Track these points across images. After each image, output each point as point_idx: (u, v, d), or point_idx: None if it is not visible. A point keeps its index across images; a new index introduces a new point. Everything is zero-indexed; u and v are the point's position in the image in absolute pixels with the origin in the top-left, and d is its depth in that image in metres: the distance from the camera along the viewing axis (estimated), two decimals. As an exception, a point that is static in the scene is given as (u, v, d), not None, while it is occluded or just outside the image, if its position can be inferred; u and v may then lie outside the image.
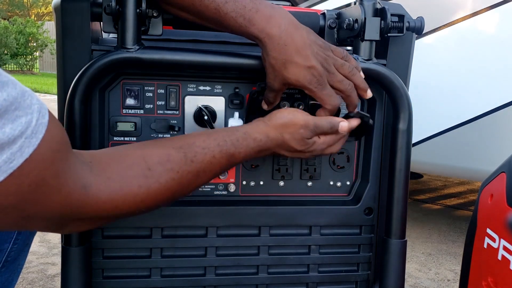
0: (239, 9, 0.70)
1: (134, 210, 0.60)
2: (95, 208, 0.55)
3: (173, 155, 0.64)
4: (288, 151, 0.75)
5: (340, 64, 0.75)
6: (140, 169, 0.60)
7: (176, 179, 0.63)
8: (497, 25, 2.03)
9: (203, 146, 0.67)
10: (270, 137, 0.72)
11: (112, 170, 0.58)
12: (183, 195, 0.67)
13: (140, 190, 0.59)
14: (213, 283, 0.88)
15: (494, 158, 1.98)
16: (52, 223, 0.54)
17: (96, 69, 0.73)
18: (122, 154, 0.61)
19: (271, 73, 0.74)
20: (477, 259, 0.83)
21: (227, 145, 0.69)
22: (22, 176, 0.45)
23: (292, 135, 0.73)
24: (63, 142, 0.52)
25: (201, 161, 0.66)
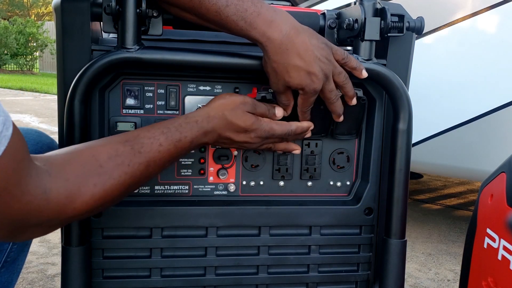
0: (240, 12, 0.70)
1: (92, 209, 0.61)
2: (55, 212, 0.56)
3: (121, 149, 0.65)
4: (234, 131, 0.75)
5: (338, 72, 0.76)
6: (92, 167, 0.61)
7: (129, 172, 0.64)
8: (497, 25, 2.02)
9: (148, 136, 0.68)
10: (211, 116, 0.74)
11: (67, 171, 0.59)
12: (138, 187, 0.69)
13: (95, 189, 0.60)
14: (213, 283, 0.88)
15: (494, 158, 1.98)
16: (9, 231, 0.55)
17: (96, 69, 0.73)
18: (74, 154, 0.62)
19: (274, 77, 0.74)
20: (477, 259, 0.83)
21: (171, 131, 0.70)
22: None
23: (233, 111, 0.75)
24: (24, 151, 0.52)
25: (148, 151, 0.67)
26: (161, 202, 0.86)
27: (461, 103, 2.13)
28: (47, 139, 0.88)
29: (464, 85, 2.13)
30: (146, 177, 0.68)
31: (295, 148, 0.85)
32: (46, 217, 0.56)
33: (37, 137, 0.86)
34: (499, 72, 2.04)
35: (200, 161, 0.87)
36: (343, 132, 0.89)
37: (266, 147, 0.81)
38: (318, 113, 0.85)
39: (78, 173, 0.59)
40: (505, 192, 0.76)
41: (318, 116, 0.86)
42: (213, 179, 0.88)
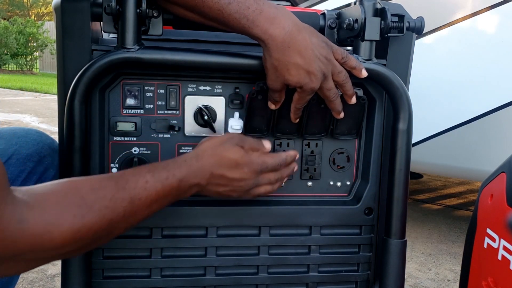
0: (243, 10, 0.70)
1: (71, 242, 0.57)
2: (31, 243, 0.53)
3: (105, 183, 0.62)
4: (226, 167, 0.73)
5: (337, 71, 0.76)
6: (73, 198, 0.58)
7: (110, 206, 0.61)
8: (497, 25, 2.02)
9: (134, 173, 0.66)
10: (200, 155, 0.73)
11: (47, 201, 0.56)
12: (124, 228, 0.65)
13: (75, 220, 0.57)
14: (213, 283, 0.88)
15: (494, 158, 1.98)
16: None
17: (96, 69, 0.73)
18: (56, 185, 0.60)
19: (273, 74, 0.74)
20: (477, 259, 0.83)
21: (157, 169, 0.68)
22: None
23: (222, 146, 0.74)
24: (1, 180, 0.50)
25: (133, 187, 0.64)
26: (161, 202, 0.86)
27: (461, 103, 2.13)
28: (48, 139, 0.88)
29: (464, 85, 2.13)
30: (132, 216, 0.64)
31: (295, 166, 0.84)
32: (21, 249, 0.52)
33: (38, 137, 0.86)
34: (499, 72, 2.04)
35: (200, 161, 0.87)
36: (343, 132, 0.89)
37: (265, 189, 0.79)
38: (318, 113, 0.85)
39: (58, 203, 0.57)
40: (505, 192, 0.76)
41: (318, 115, 0.86)
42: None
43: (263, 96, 0.81)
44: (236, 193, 0.76)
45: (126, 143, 0.83)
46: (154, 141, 0.84)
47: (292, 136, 0.88)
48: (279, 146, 0.89)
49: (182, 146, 0.86)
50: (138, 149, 0.84)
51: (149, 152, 0.84)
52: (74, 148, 0.74)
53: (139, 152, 0.84)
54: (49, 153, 0.85)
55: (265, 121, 0.85)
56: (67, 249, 0.57)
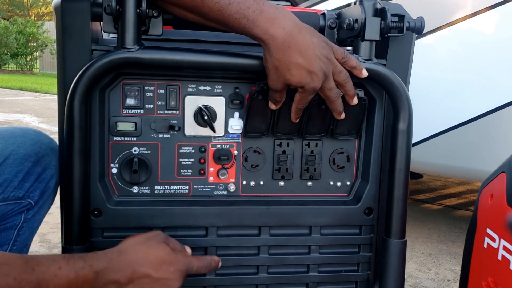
0: (243, 10, 0.70)
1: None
2: None
3: (13, 260, 0.58)
4: (151, 265, 0.68)
5: (338, 71, 0.76)
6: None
7: (13, 286, 0.56)
8: (497, 25, 2.02)
9: (48, 258, 0.61)
10: (123, 249, 0.68)
11: None
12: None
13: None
14: (213, 283, 0.88)
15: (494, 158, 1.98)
16: None
17: (96, 69, 0.73)
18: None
19: (274, 74, 0.74)
20: (477, 259, 0.83)
21: (74, 258, 0.63)
22: None
23: (147, 242, 0.70)
24: None
25: (43, 271, 0.59)
26: (161, 202, 0.86)
27: (461, 103, 2.13)
28: (46, 138, 0.87)
29: (464, 85, 2.13)
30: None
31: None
32: None
33: (36, 136, 0.86)
34: (499, 72, 2.04)
35: (200, 161, 0.87)
36: (343, 132, 0.89)
37: None
38: (318, 113, 0.85)
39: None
40: (505, 192, 0.76)
41: (319, 115, 0.86)
42: (213, 179, 0.88)
43: (264, 96, 0.81)
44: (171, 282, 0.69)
45: (126, 143, 0.83)
46: (154, 141, 0.84)
47: (292, 136, 0.88)
48: (279, 146, 0.89)
49: (182, 146, 0.86)
50: (138, 149, 0.84)
51: (149, 152, 0.84)
52: (74, 148, 0.73)
53: (139, 152, 0.84)
54: (47, 153, 0.85)
55: (265, 121, 0.85)
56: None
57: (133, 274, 0.66)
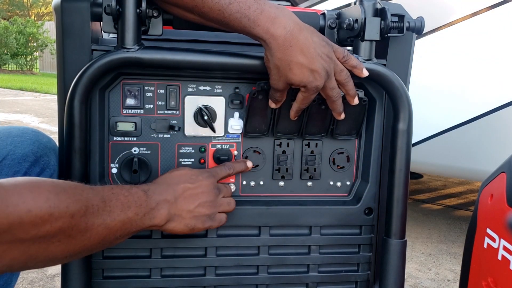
0: (244, 9, 0.70)
1: (48, 220, 0.56)
2: (4, 216, 0.51)
3: (80, 184, 0.65)
4: (185, 180, 0.77)
5: (339, 70, 0.76)
6: (47, 182, 0.59)
7: (83, 198, 0.61)
8: (497, 25, 2.02)
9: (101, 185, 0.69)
10: (151, 181, 0.77)
11: (19, 180, 0.56)
12: (94, 225, 0.62)
13: (50, 196, 0.57)
14: (213, 283, 0.88)
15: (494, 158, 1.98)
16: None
17: (96, 69, 0.73)
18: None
19: (275, 74, 0.74)
20: (477, 259, 0.83)
21: (122, 184, 0.74)
22: None
23: (169, 171, 0.80)
24: None
25: (102, 189, 0.66)
26: (161, 202, 0.86)
27: (461, 103, 2.13)
28: (45, 138, 0.87)
29: (464, 85, 2.13)
30: (103, 213, 0.64)
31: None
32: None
33: (34, 136, 0.85)
34: (499, 72, 2.04)
35: (200, 161, 0.87)
36: (343, 132, 0.89)
37: (224, 208, 0.82)
38: (318, 113, 0.85)
39: (31, 182, 0.57)
40: (505, 192, 0.76)
41: (319, 115, 0.86)
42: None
43: (264, 96, 0.81)
44: (204, 209, 0.78)
45: (126, 143, 0.83)
46: (154, 141, 0.84)
47: (292, 136, 0.88)
48: (279, 146, 0.89)
49: (182, 146, 0.86)
50: (138, 149, 0.84)
51: (149, 152, 0.84)
52: (74, 148, 0.73)
53: (139, 152, 0.84)
54: (45, 152, 0.84)
55: (265, 121, 0.85)
56: (45, 228, 0.56)
57: (175, 192, 0.75)
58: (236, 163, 0.86)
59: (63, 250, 0.60)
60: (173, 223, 0.75)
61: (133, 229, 0.69)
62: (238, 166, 0.86)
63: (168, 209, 0.74)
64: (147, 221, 0.71)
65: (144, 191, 0.72)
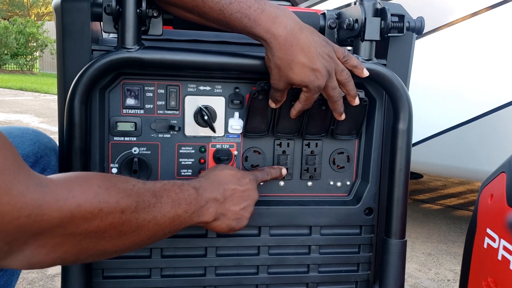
0: (244, 9, 0.70)
1: (98, 215, 0.56)
2: (56, 210, 0.51)
3: (131, 178, 0.65)
4: (234, 181, 0.78)
5: (340, 69, 0.76)
6: (97, 176, 0.60)
7: (134, 194, 0.61)
8: (497, 25, 2.02)
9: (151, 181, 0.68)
10: (201, 176, 0.78)
11: (68, 175, 0.57)
12: (144, 220, 0.63)
13: (99, 190, 0.57)
14: (213, 283, 0.88)
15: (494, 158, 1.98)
16: (3, 241, 0.49)
17: (96, 69, 0.73)
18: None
19: (276, 73, 0.74)
20: (477, 259, 0.83)
21: (172, 180, 0.72)
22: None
23: (216, 168, 0.80)
24: (3, 143, 0.49)
25: (153, 184, 0.66)
26: (161, 202, 0.86)
27: (461, 103, 2.13)
28: (45, 138, 0.87)
29: (464, 85, 2.13)
30: (153, 208, 0.64)
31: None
32: (48, 218, 0.50)
33: (34, 136, 0.85)
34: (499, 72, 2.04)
35: (200, 161, 0.87)
36: (343, 132, 0.89)
37: None
38: (318, 113, 0.85)
39: (80, 177, 0.57)
40: (505, 192, 0.76)
41: (319, 116, 0.86)
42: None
43: (264, 96, 0.81)
44: (250, 208, 0.80)
45: (126, 143, 0.83)
46: (154, 141, 0.84)
47: (292, 136, 0.88)
48: (279, 146, 0.89)
49: (182, 146, 0.86)
50: (138, 149, 0.84)
51: (149, 152, 0.84)
52: (74, 148, 0.73)
53: (139, 152, 0.84)
54: (46, 153, 0.84)
55: (265, 121, 0.85)
56: (96, 223, 0.56)
57: (225, 192, 0.76)
58: (272, 169, 0.87)
59: (113, 245, 0.61)
60: (218, 222, 0.76)
61: (181, 226, 0.70)
62: (274, 173, 0.87)
63: (216, 208, 0.74)
64: (195, 218, 0.71)
65: (195, 189, 0.72)
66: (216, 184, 0.76)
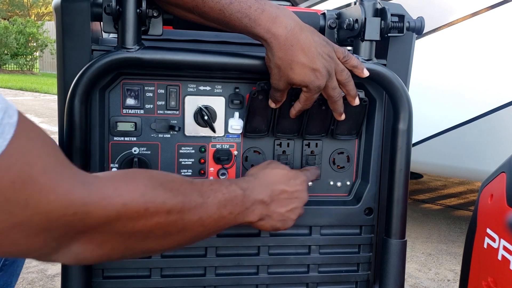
0: (244, 9, 0.70)
1: (144, 214, 0.56)
2: (102, 208, 0.51)
3: (177, 175, 0.66)
4: (283, 181, 0.77)
5: (340, 69, 0.76)
6: (143, 174, 0.60)
7: (181, 192, 0.61)
8: (497, 25, 2.03)
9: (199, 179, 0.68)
10: (249, 174, 0.78)
11: (113, 173, 0.57)
12: (192, 221, 0.63)
13: (146, 190, 0.57)
14: (213, 283, 0.88)
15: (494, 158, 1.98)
16: (51, 238, 0.50)
17: (96, 69, 0.73)
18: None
19: (276, 73, 0.74)
20: (477, 259, 0.83)
21: (220, 180, 0.71)
22: None
23: (267, 167, 0.79)
24: (45, 140, 0.49)
25: (201, 183, 0.66)
26: (161, 202, 0.86)
27: (461, 103, 2.13)
28: None
29: (464, 85, 2.13)
30: (199, 209, 0.63)
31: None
32: (94, 216, 0.51)
33: None
34: (499, 72, 2.04)
35: (200, 161, 0.87)
36: (343, 132, 0.89)
37: None
38: (318, 113, 0.85)
39: (126, 175, 0.58)
40: (505, 192, 0.76)
41: (319, 116, 0.86)
42: (213, 179, 0.88)
43: (264, 96, 0.81)
44: (298, 210, 0.79)
45: (126, 143, 0.83)
46: (154, 141, 0.84)
47: (292, 136, 0.88)
48: (279, 146, 0.89)
49: (182, 146, 0.86)
50: (138, 149, 0.84)
51: (149, 152, 0.84)
52: (74, 148, 0.73)
53: (139, 152, 0.84)
54: None
55: (265, 121, 0.85)
56: (141, 222, 0.56)
57: (272, 193, 0.75)
58: (316, 170, 0.88)
59: (158, 244, 0.61)
60: (262, 222, 0.75)
61: (225, 226, 0.69)
62: (318, 173, 0.88)
63: (262, 210, 0.74)
64: (240, 219, 0.71)
65: (243, 190, 0.71)
66: (264, 185, 0.75)
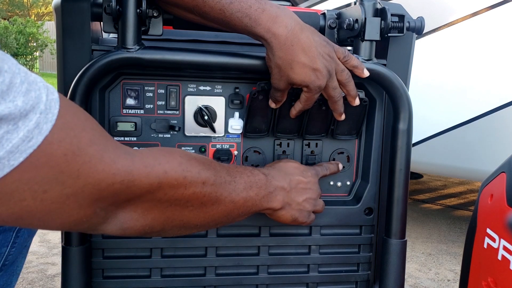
0: (245, 9, 0.70)
1: (183, 183, 0.60)
2: (144, 176, 0.55)
3: (209, 161, 0.68)
4: (298, 173, 0.80)
5: (341, 69, 0.76)
6: (179, 152, 0.64)
7: (212, 168, 0.65)
8: (497, 25, 2.03)
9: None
10: (266, 168, 0.79)
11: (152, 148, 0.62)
12: (223, 198, 0.66)
13: (182, 160, 0.61)
14: (213, 283, 0.88)
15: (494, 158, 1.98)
16: (100, 207, 0.53)
17: (96, 69, 0.73)
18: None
19: (277, 73, 0.74)
20: (477, 259, 0.83)
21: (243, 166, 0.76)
22: (51, 146, 0.45)
23: (280, 161, 0.82)
24: (86, 115, 0.52)
25: (228, 166, 0.70)
26: (161, 202, 0.86)
27: (461, 103, 2.13)
28: None
29: (464, 85, 2.13)
30: (228, 186, 0.67)
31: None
32: (138, 184, 0.54)
33: None
34: (499, 72, 2.04)
35: (200, 161, 0.87)
36: (343, 132, 0.89)
37: (321, 205, 0.85)
38: (318, 113, 0.85)
39: (165, 149, 0.62)
40: (505, 192, 0.76)
41: (319, 116, 0.86)
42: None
43: (264, 96, 0.81)
44: (312, 201, 0.81)
45: (126, 143, 0.83)
46: (154, 141, 0.84)
47: (292, 136, 0.88)
48: (279, 146, 0.89)
49: (182, 146, 0.86)
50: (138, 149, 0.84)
51: (149, 152, 0.84)
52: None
53: (139, 152, 0.84)
54: None
55: (266, 121, 0.85)
56: (180, 191, 0.60)
57: (291, 182, 0.78)
58: (330, 165, 0.88)
59: (195, 216, 0.65)
60: (283, 211, 0.77)
61: (253, 209, 0.72)
62: (332, 168, 0.88)
63: (283, 196, 0.76)
64: (265, 203, 0.73)
65: (265, 174, 0.74)
66: (283, 174, 0.78)
